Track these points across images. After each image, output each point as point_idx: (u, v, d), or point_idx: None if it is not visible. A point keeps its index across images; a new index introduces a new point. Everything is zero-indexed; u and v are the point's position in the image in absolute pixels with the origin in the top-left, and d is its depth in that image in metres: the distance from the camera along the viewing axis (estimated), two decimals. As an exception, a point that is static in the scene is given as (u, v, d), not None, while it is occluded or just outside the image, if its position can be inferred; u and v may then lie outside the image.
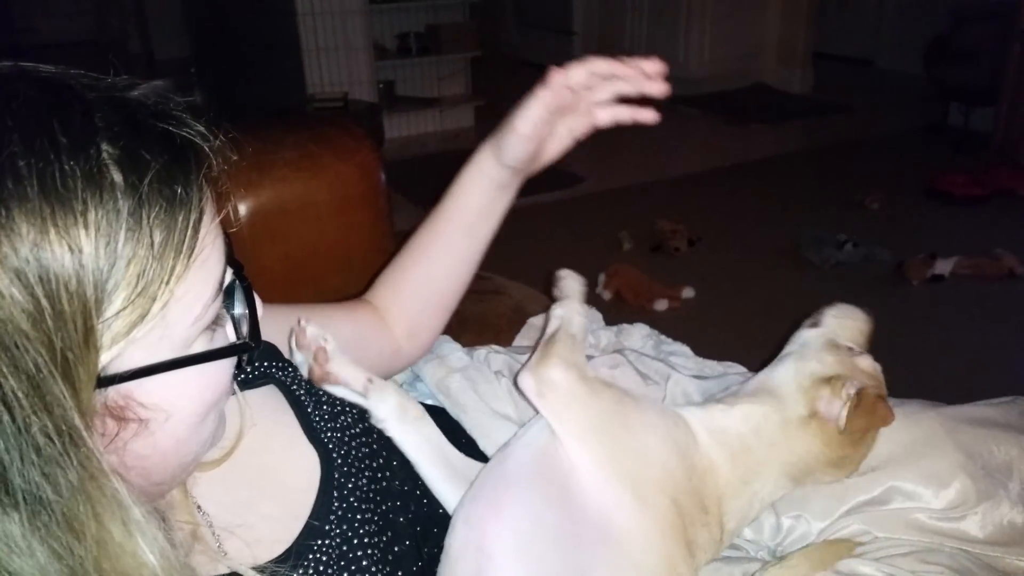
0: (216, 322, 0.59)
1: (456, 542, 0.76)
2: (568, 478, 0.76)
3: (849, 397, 0.83)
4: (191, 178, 0.54)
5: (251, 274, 1.77)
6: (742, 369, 1.10)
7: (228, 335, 0.62)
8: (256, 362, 0.81)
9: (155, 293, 0.52)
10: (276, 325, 0.85)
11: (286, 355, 0.87)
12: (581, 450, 0.77)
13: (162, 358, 0.55)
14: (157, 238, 0.52)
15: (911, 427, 0.89)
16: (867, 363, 0.91)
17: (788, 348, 0.95)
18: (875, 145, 4.92)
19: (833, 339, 0.93)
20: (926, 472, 0.87)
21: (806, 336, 0.96)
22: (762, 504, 0.86)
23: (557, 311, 0.93)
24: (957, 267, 3.19)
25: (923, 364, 2.62)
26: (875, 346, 0.99)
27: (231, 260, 0.63)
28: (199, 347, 0.58)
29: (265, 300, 1.63)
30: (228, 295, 0.62)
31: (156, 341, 0.54)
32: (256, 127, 1.73)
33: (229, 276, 0.62)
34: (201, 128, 0.58)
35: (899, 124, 5.21)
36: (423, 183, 4.41)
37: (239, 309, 0.63)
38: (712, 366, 1.14)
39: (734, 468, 0.82)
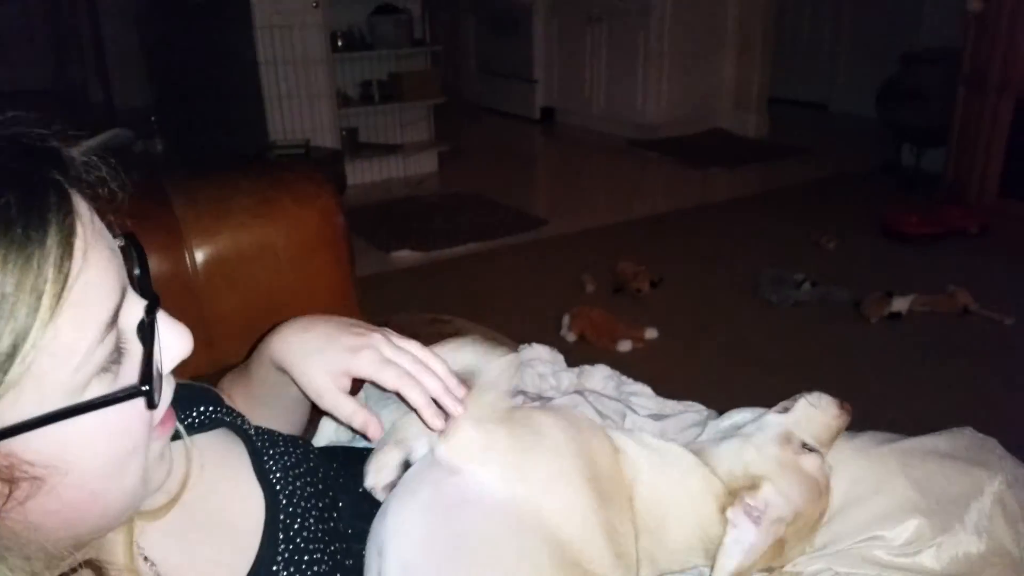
0: (117, 363, 0.56)
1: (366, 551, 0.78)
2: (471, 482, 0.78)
3: (747, 512, 0.82)
4: (46, 213, 0.51)
5: (209, 322, 1.74)
6: (701, 407, 1.10)
7: (133, 375, 0.57)
8: (202, 407, 0.79)
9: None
10: None
11: None
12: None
13: (42, 411, 0.51)
14: (7, 288, 0.48)
15: (863, 463, 0.89)
16: (813, 464, 0.87)
17: (748, 427, 0.93)
18: (830, 186, 5.04)
19: (792, 431, 0.89)
20: (882, 511, 0.87)
21: (768, 420, 0.92)
22: (670, 559, 0.85)
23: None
24: (913, 304, 3.25)
25: (882, 400, 2.65)
26: (833, 383, 1.00)
27: (146, 292, 0.60)
28: (95, 392, 0.54)
29: (224, 347, 1.60)
30: (145, 331, 0.58)
31: (31, 394, 0.51)
32: (214, 173, 1.73)
33: (141, 311, 0.58)
34: (69, 156, 0.55)
35: (853, 165, 5.35)
36: (386, 227, 4.44)
37: (162, 343, 0.60)
38: (672, 405, 1.14)
39: (653, 489, 0.84)
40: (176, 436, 0.74)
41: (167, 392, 0.62)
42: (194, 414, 0.78)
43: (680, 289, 3.58)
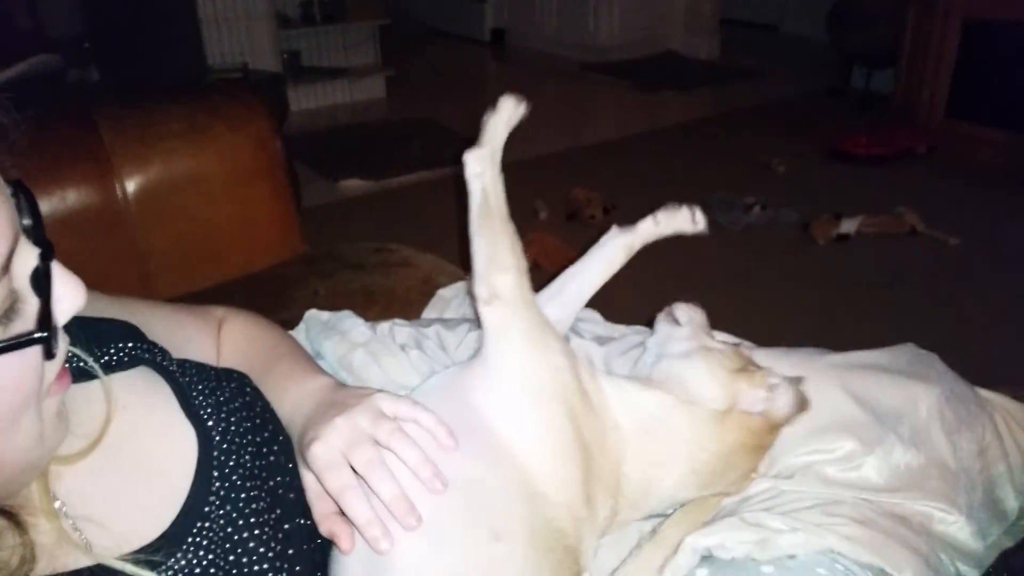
0: (11, 313, 0.53)
1: None
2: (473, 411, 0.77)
3: (771, 387, 0.83)
4: None
5: (143, 255, 1.68)
6: (644, 329, 1.09)
7: (27, 326, 0.55)
8: (120, 343, 0.75)
9: None
10: (134, 317, 0.81)
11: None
12: (506, 364, 0.80)
13: None
14: None
15: (807, 379, 0.89)
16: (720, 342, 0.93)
17: (657, 342, 0.95)
18: (781, 109, 5.02)
19: (703, 330, 0.94)
20: (821, 424, 0.87)
21: (679, 332, 0.95)
22: (660, 497, 0.84)
23: (473, 168, 0.94)
24: (862, 226, 3.29)
25: (829, 320, 2.70)
26: (782, 304, 0.99)
27: (40, 241, 0.56)
28: None
29: (161, 282, 1.54)
30: (39, 280, 0.55)
31: None
32: (142, 100, 1.65)
33: (35, 259, 0.55)
34: None
35: (804, 88, 5.33)
36: (334, 156, 4.33)
37: (55, 295, 0.57)
38: (620, 330, 1.13)
39: (640, 444, 0.81)
40: (93, 376, 0.71)
41: (62, 346, 0.59)
42: (112, 351, 0.74)
43: (633, 215, 3.52)
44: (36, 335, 0.54)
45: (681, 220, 1.13)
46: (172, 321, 0.90)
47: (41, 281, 0.55)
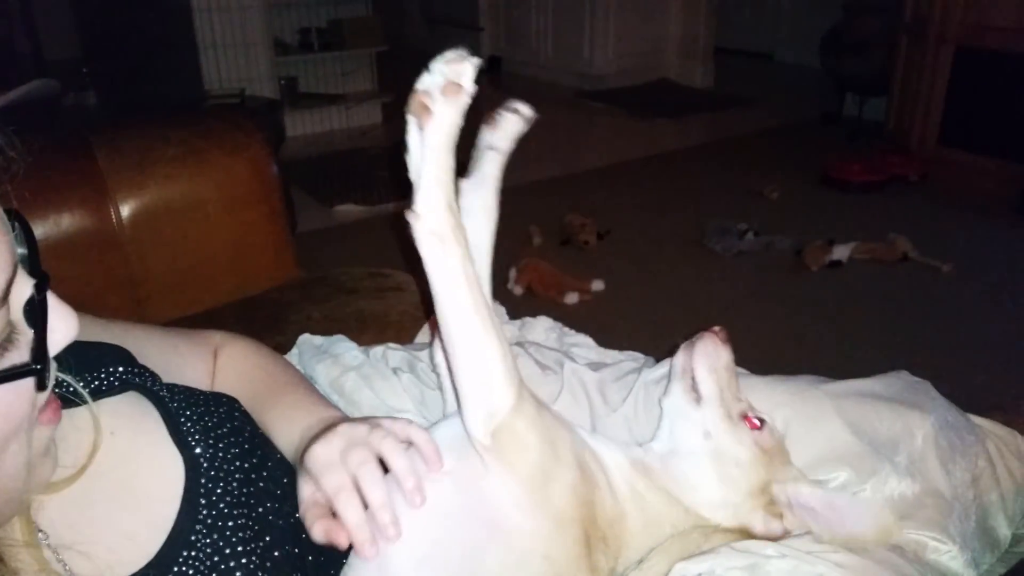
0: (7, 343, 0.53)
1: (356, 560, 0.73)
2: (485, 499, 0.73)
3: (791, 508, 0.80)
4: None
5: (137, 279, 1.68)
6: (639, 356, 1.09)
7: (21, 357, 0.55)
8: (110, 367, 0.75)
9: None
10: (126, 341, 0.81)
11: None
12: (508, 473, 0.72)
13: None
14: None
15: (797, 405, 0.89)
16: (770, 440, 0.83)
17: (671, 424, 0.86)
18: (774, 136, 5.06)
19: (728, 413, 0.83)
20: (817, 453, 0.87)
21: (696, 420, 0.84)
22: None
23: (430, 226, 0.75)
24: (854, 252, 3.30)
25: (821, 347, 2.70)
26: (774, 331, 0.99)
27: (35, 271, 0.57)
28: None
29: (155, 306, 1.54)
30: (34, 311, 0.56)
31: None
32: (139, 124, 1.65)
33: (30, 290, 0.56)
34: None
35: (797, 115, 5.38)
36: (329, 181, 4.34)
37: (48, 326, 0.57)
38: (612, 355, 1.13)
39: (643, 527, 0.79)
40: (81, 402, 0.71)
41: (52, 375, 0.59)
42: (101, 374, 0.74)
43: (626, 241, 3.58)
44: (30, 367, 0.54)
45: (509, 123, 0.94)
46: (166, 344, 0.90)
47: (36, 312, 0.56)
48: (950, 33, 4.08)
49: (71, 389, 0.70)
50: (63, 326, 0.58)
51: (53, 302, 0.58)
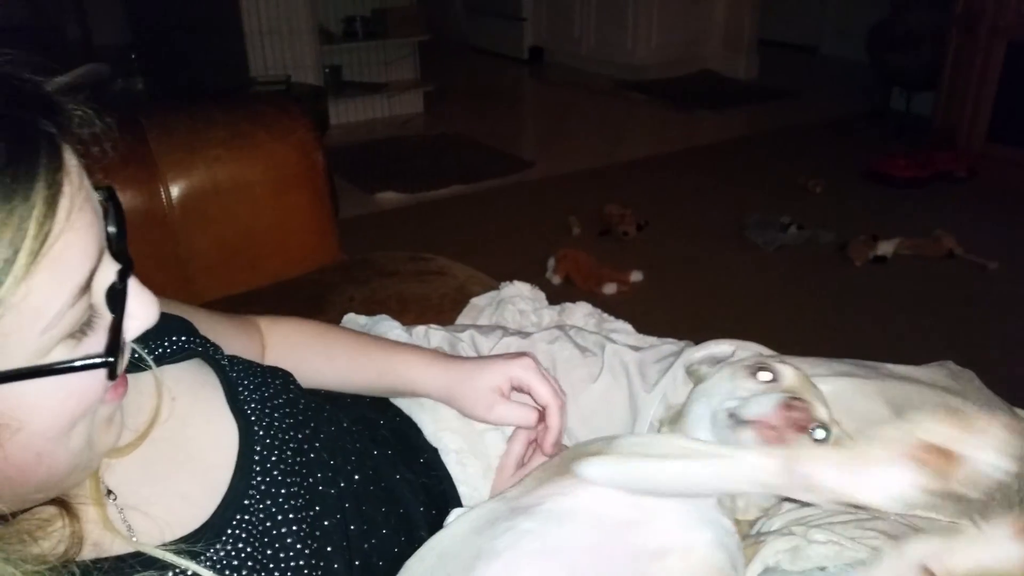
0: (86, 327, 0.54)
1: None
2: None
3: None
4: (36, 167, 0.49)
5: (185, 258, 1.72)
6: (680, 342, 1.09)
7: (99, 342, 0.56)
8: (173, 336, 0.77)
9: None
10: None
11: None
12: None
13: (2, 368, 0.50)
14: None
15: (841, 384, 0.88)
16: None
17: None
18: (819, 130, 4.99)
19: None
20: (853, 433, 0.86)
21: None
22: None
23: None
24: (898, 248, 3.25)
25: (865, 342, 2.67)
26: (817, 326, 0.98)
27: (121, 256, 0.57)
28: (58, 356, 0.53)
29: (201, 285, 1.57)
30: (115, 297, 0.56)
31: None
32: (189, 107, 1.69)
33: (113, 274, 0.56)
34: (65, 108, 0.53)
35: (842, 109, 5.29)
36: (371, 169, 4.38)
37: (127, 311, 0.57)
38: (652, 340, 1.13)
39: None
40: (145, 367, 0.73)
41: (126, 357, 0.61)
42: (165, 343, 0.76)
43: (666, 232, 3.56)
44: (104, 359, 0.55)
45: None
46: (214, 323, 0.92)
47: (116, 299, 0.56)
48: (1003, 26, 3.99)
49: (136, 355, 0.72)
50: (143, 313, 0.59)
51: (135, 288, 0.58)
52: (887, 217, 3.60)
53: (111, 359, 0.55)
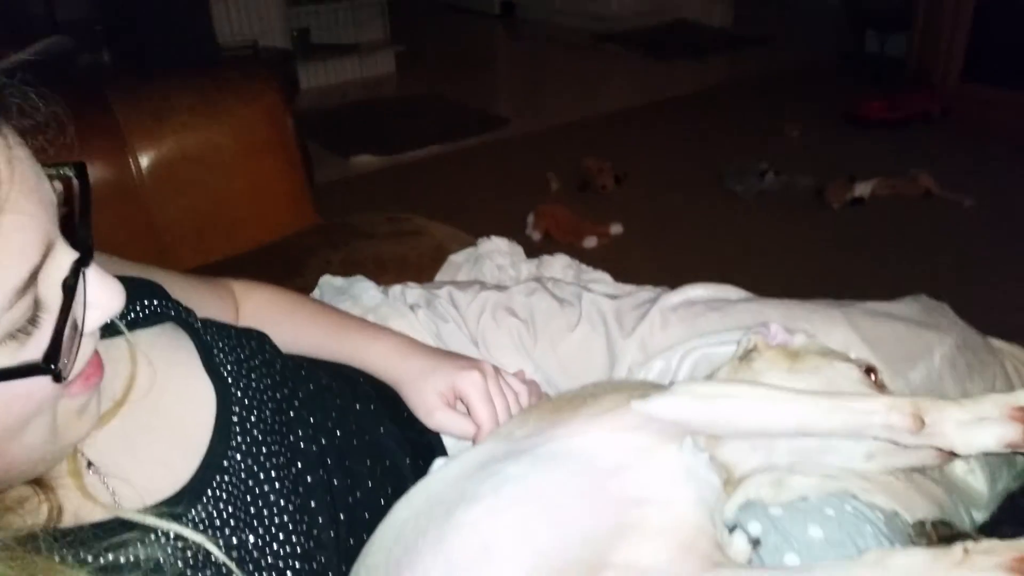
0: (30, 326, 0.50)
1: (459, 537, 0.68)
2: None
3: None
4: None
5: (158, 229, 1.70)
6: (658, 289, 1.09)
7: (45, 340, 0.51)
8: (145, 300, 0.77)
9: None
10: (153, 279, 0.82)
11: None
12: None
13: None
14: None
15: (812, 320, 0.89)
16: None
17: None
18: (795, 75, 4.97)
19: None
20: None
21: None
22: None
23: None
24: (876, 189, 3.26)
25: (842, 284, 2.68)
26: (798, 267, 0.99)
27: (80, 244, 0.53)
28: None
29: (176, 255, 1.56)
30: (68, 292, 0.52)
31: None
32: (154, 76, 1.66)
33: (69, 263, 0.52)
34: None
35: (818, 54, 5.27)
36: (345, 132, 4.34)
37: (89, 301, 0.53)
38: (629, 289, 1.14)
39: None
40: (119, 333, 0.72)
41: (87, 349, 0.57)
42: (136, 307, 0.75)
43: (645, 184, 3.56)
44: (39, 366, 0.51)
45: None
46: (188, 286, 0.91)
47: (68, 294, 0.52)
48: (975, -37, 3.97)
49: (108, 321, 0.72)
50: (105, 301, 0.56)
51: (95, 276, 0.55)
52: (864, 159, 3.60)
53: (51, 365, 0.51)
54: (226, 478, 0.70)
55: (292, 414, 0.79)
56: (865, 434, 0.69)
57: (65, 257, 0.52)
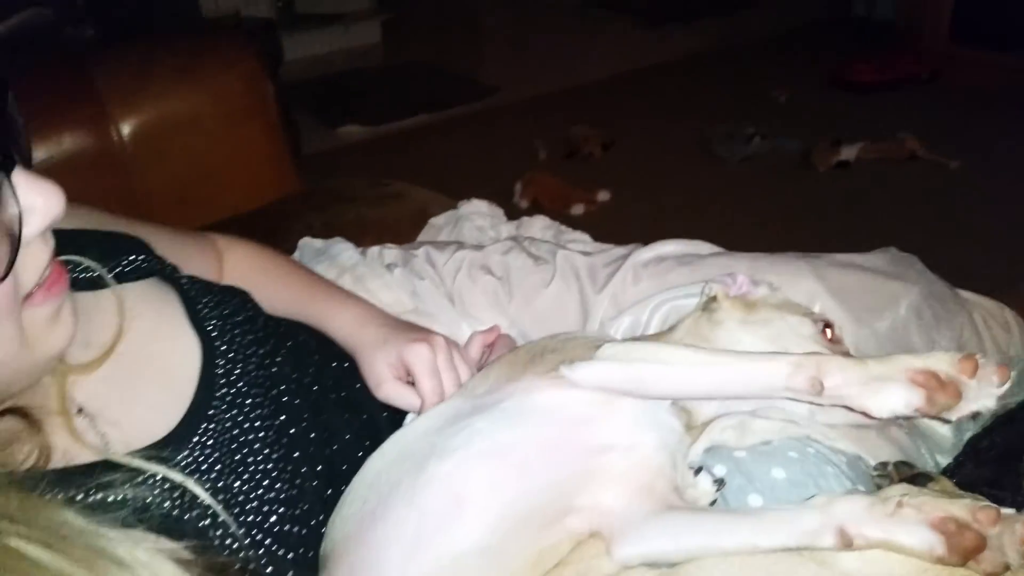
0: None
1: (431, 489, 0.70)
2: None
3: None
4: None
5: (141, 196, 1.70)
6: (632, 246, 1.11)
7: None
8: (131, 256, 0.79)
9: None
10: (138, 235, 0.83)
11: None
12: None
13: None
14: None
15: (783, 275, 0.91)
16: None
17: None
18: (783, 39, 4.95)
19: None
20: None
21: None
22: None
23: None
24: (862, 152, 3.27)
25: (828, 247, 2.69)
26: (784, 230, 0.99)
27: (23, 153, 0.54)
28: None
29: (157, 221, 1.57)
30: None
31: None
32: (133, 44, 1.66)
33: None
34: None
35: (806, 17, 5.24)
36: (331, 103, 4.31)
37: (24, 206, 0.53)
38: (607, 248, 1.15)
39: None
40: (106, 286, 0.74)
41: (40, 255, 0.57)
42: (123, 261, 0.78)
43: (632, 151, 3.56)
44: None
45: None
46: (174, 241, 0.93)
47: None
48: (963, -77, 3.95)
49: (96, 273, 0.73)
50: (44, 203, 0.55)
51: (27, 181, 0.54)
52: (851, 123, 3.60)
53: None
54: (211, 426, 0.72)
55: (275, 369, 0.81)
56: (774, 396, 0.68)
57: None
